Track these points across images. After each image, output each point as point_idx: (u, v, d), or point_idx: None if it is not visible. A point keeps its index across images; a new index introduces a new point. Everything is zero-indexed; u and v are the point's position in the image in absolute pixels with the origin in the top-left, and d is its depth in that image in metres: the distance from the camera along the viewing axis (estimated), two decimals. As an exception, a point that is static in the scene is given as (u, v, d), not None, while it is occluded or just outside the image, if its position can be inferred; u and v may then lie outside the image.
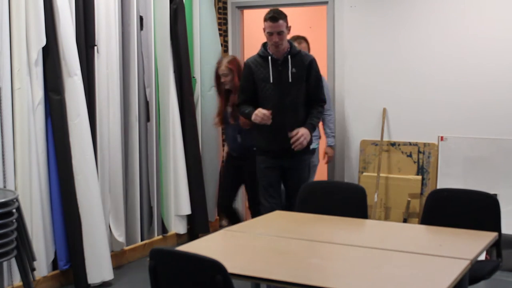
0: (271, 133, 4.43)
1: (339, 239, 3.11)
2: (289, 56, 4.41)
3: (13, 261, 3.98)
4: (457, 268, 2.60)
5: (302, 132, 4.37)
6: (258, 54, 4.51)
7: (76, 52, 4.52)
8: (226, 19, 6.38)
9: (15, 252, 3.69)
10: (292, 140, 4.38)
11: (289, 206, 4.42)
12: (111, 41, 4.89)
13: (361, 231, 3.42)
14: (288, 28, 4.39)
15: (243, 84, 4.58)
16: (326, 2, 5.92)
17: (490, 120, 5.29)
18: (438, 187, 5.40)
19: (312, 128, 4.48)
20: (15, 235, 3.68)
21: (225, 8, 6.37)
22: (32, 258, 3.92)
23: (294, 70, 4.40)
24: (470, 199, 3.61)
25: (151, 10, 5.39)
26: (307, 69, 4.44)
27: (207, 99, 5.96)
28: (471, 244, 2.94)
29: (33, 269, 3.95)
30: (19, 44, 4.22)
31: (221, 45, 6.16)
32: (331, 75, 5.89)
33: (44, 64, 4.40)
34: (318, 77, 4.53)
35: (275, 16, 4.30)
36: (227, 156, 5.40)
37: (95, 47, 4.75)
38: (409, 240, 3.29)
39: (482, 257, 4.07)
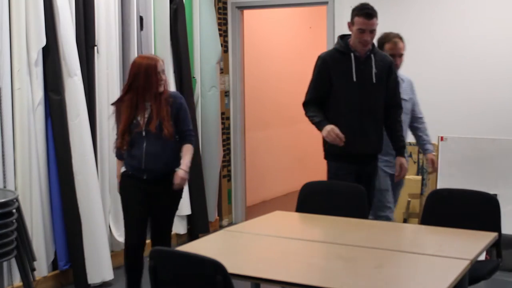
0: (349, 137, 3.89)
1: (339, 239, 3.11)
2: (372, 55, 3.97)
3: (13, 261, 3.98)
4: (457, 268, 2.59)
5: (404, 167, 4.08)
6: (335, 49, 4.01)
7: (76, 52, 4.52)
8: (226, 19, 6.38)
9: (15, 252, 3.69)
10: (397, 179, 4.16)
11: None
12: (111, 41, 4.89)
13: (361, 231, 3.42)
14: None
15: (316, 80, 4.02)
16: (326, 2, 5.92)
17: (490, 120, 5.29)
18: (438, 187, 5.39)
19: (404, 152, 4.13)
20: (15, 235, 3.68)
21: (225, 8, 6.37)
22: (32, 258, 3.93)
23: (376, 70, 3.96)
24: (470, 199, 3.62)
25: (151, 10, 5.39)
26: (387, 71, 4.03)
27: (207, 99, 5.96)
28: (471, 244, 2.94)
29: (33, 269, 3.95)
30: (19, 44, 4.22)
31: (221, 45, 6.16)
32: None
33: (44, 64, 4.40)
34: (397, 80, 4.14)
35: (370, 13, 3.85)
36: (130, 180, 4.00)
37: (95, 47, 4.75)
38: (409, 240, 3.29)
39: (482, 257, 4.07)
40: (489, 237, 3.07)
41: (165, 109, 3.86)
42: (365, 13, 3.84)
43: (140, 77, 3.84)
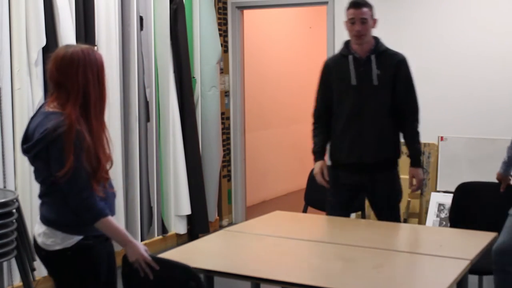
0: (349, 144, 3.73)
1: (339, 239, 3.11)
2: (373, 56, 3.71)
3: (13, 261, 3.98)
4: (457, 268, 2.60)
5: (419, 179, 3.82)
6: (339, 53, 3.86)
7: (76, 52, 4.52)
8: (226, 19, 6.38)
9: (15, 252, 3.69)
10: (413, 190, 3.92)
11: None
12: (111, 41, 4.89)
13: (361, 231, 3.42)
14: (374, 21, 3.77)
15: (320, 87, 3.87)
16: (326, 2, 5.92)
17: (490, 120, 5.29)
18: (438, 187, 5.40)
19: (420, 162, 3.85)
20: (15, 235, 3.67)
21: (225, 8, 6.37)
22: (32, 258, 3.92)
23: (379, 72, 3.68)
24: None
25: (151, 10, 5.39)
26: (395, 71, 3.71)
27: (207, 99, 5.96)
28: (471, 244, 2.94)
29: (33, 269, 3.95)
30: (19, 44, 4.22)
31: (221, 45, 6.16)
32: (331, 75, 5.89)
33: (44, 64, 4.40)
34: (409, 81, 3.77)
35: (358, 2, 3.70)
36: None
37: (95, 47, 4.75)
38: (409, 240, 3.29)
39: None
40: (489, 237, 3.07)
41: None
42: (353, 2, 3.72)
43: None
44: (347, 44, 3.83)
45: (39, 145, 2.46)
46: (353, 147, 3.71)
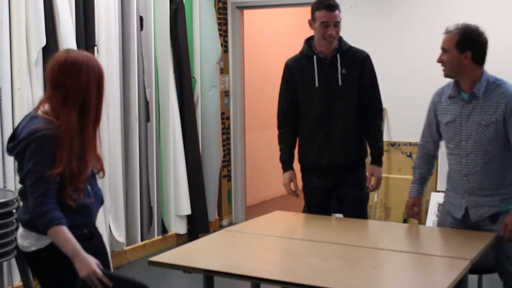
0: (318, 147, 3.66)
1: (339, 239, 3.11)
2: (338, 55, 3.63)
3: (13, 261, 3.98)
4: (457, 268, 2.59)
5: (377, 177, 3.70)
6: (301, 53, 3.76)
7: (76, 52, 4.53)
8: (226, 19, 6.38)
9: (15, 252, 3.69)
10: (370, 190, 3.76)
11: None
12: (111, 41, 4.89)
13: (361, 231, 3.42)
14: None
15: (282, 91, 3.81)
16: (326, 2, 5.92)
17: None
18: (438, 187, 5.39)
19: (381, 161, 3.73)
20: (15, 235, 3.67)
21: (225, 8, 6.37)
22: (32, 258, 3.92)
23: (344, 70, 3.61)
24: None
25: (151, 10, 5.39)
26: (360, 68, 3.66)
27: (207, 99, 5.96)
28: (471, 244, 2.94)
29: (33, 269, 3.95)
30: (19, 44, 4.22)
31: (221, 45, 6.16)
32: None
33: (44, 64, 4.40)
34: (373, 77, 3.73)
35: (332, 5, 3.55)
36: None
37: (95, 47, 4.75)
38: (409, 240, 3.29)
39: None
40: (489, 237, 3.06)
41: None
42: (326, 5, 3.54)
43: None
44: (309, 43, 3.72)
45: (20, 146, 2.46)
46: (323, 149, 3.65)
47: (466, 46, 3.08)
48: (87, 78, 2.49)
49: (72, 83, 2.47)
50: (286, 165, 3.81)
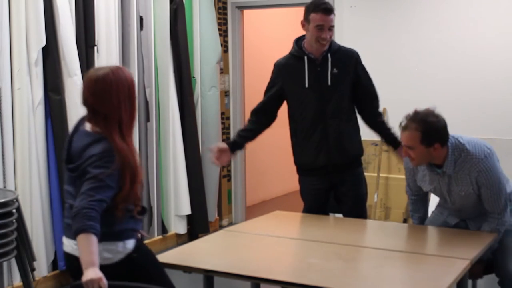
0: (314, 148, 3.66)
1: (339, 239, 3.11)
2: (328, 55, 3.61)
3: (13, 261, 3.98)
4: (457, 268, 2.60)
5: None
6: (291, 54, 3.73)
7: (76, 52, 4.52)
8: (226, 19, 6.38)
9: (15, 252, 3.69)
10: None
11: None
12: (111, 41, 4.89)
13: (361, 231, 3.42)
14: None
15: (268, 90, 3.80)
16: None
17: (490, 120, 5.29)
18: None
19: (399, 142, 3.58)
20: (15, 235, 3.68)
21: (225, 8, 6.37)
22: (32, 258, 3.92)
23: (335, 70, 3.60)
24: None
25: (151, 10, 5.39)
26: (354, 68, 3.66)
27: (207, 99, 5.96)
28: (471, 244, 2.94)
29: (33, 269, 3.95)
30: (19, 44, 4.22)
31: (221, 45, 6.16)
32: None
33: (44, 64, 4.40)
34: (367, 72, 3.74)
35: (329, 8, 3.52)
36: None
37: (95, 47, 4.75)
38: (409, 240, 3.29)
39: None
40: (489, 237, 3.07)
41: None
42: (323, 8, 3.51)
43: None
44: (299, 44, 3.70)
45: (85, 165, 2.51)
46: (319, 150, 3.64)
47: (433, 140, 3.06)
48: (118, 100, 2.56)
49: (107, 108, 2.55)
50: (232, 143, 3.83)
